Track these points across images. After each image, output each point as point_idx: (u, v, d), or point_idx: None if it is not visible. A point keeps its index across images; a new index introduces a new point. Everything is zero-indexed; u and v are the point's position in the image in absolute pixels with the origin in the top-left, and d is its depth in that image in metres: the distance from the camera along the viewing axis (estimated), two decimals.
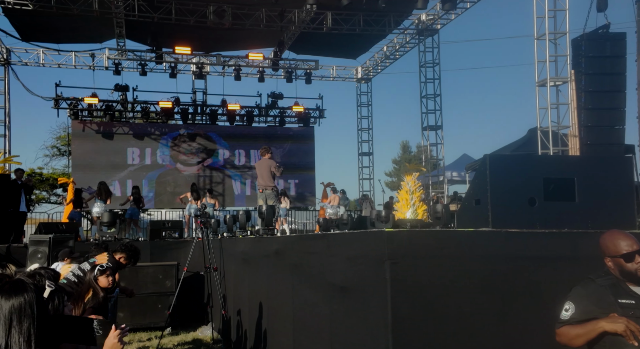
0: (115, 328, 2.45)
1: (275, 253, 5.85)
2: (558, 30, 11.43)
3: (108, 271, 4.22)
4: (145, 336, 9.16)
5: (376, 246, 3.35)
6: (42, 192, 24.73)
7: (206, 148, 19.50)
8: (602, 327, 2.49)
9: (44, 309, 2.06)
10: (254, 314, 6.71)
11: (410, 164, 19.44)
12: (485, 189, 3.57)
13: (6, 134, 17.75)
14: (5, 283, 2.04)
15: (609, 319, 2.48)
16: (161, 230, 11.81)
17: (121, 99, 18.44)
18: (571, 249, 3.38)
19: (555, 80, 11.31)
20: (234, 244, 8.66)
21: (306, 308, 4.76)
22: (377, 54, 20.03)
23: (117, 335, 2.43)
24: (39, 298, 2.03)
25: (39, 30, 16.46)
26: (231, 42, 17.91)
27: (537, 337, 3.21)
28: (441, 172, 17.91)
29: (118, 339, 2.43)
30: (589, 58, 9.34)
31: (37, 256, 8.34)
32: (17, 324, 1.92)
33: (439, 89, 17.62)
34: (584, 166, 3.84)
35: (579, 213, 3.57)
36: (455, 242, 3.32)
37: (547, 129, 11.14)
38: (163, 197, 18.95)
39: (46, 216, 19.55)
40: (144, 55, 17.85)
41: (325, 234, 4.77)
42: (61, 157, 26.02)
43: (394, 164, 41.94)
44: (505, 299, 3.28)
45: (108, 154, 18.40)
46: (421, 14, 17.04)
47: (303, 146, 20.41)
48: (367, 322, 3.47)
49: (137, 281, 9.44)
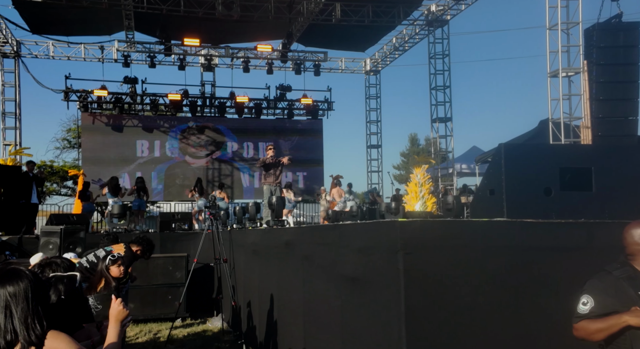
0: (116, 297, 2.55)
1: (286, 245, 5.84)
2: (570, 20, 11.28)
3: (119, 261, 4.25)
4: (155, 327, 9.22)
5: (389, 237, 3.32)
6: (53, 185, 24.90)
7: (215, 141, 19.52)
8: (625, 321, 2.42)
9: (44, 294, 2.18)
10: (264, 306, 6.72)
11: (419, 157, 19.33)
12: (500, 179, 3.52)
13: (17, 126, 17.86)
14: (1, 271, 2.14)
15: (633, 313, 2.41)
16: (171, 222, 11.85)
17: (130, 92, 18.47)
18: (587, 240, 3.33)
19: (568, 70, 11.16)
20: (244, 235, 8.67)
21: (317, 299, 4.75)
22: (386, 46, 19.90)
23: (119, 302, 2.51)
24: (36, 284, 2.14)
25: (48, 23, 16.50)
26: (240, 34, 17.86)
27: (553, 329, 3.18)
28: (450, 164, 17.81)
29: (122, 305, 2.50)
30: (601, 48, 9.19)
31: (48, 247, 8.37)
32: (14, 309, 2.05)
33: (448, 80, 17.50)
34: (601, 156, 3.77)
35: (596, 203, 3.52)
36: (469, 233, 3.28)
37: (559, 121, 11.02)
38: (172, 189, 19.01)
39: (57, 208, 19.71)
40: (152, 48, 17.85)
41: (337, 225, 4.75)
42: (71, 149, 26.18)
43: (402, 157, 41.85)
44: (520, 291, 3.24)
45: (117, 147, 18.48)
46: (431, 4, 16.89)
47: (311, 138, 20.37)
48: (379, 313, 3.44)
49: (147, 272, 9.48)
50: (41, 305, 2.11)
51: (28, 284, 2.09)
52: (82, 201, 13.44)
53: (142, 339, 8.43)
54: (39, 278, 2.24)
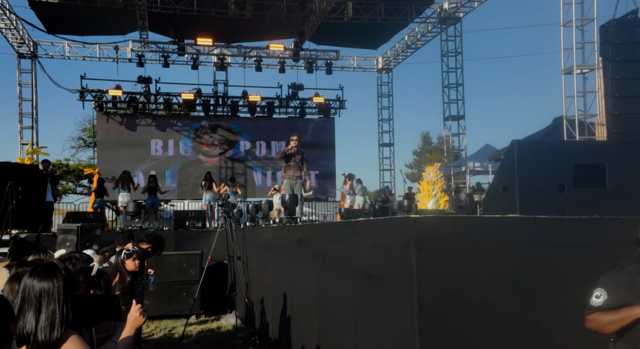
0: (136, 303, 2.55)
1: (299, 241, 5.88)
2: (585, 16, 11.16)
3: (134, 255, 4.32)
4: (170, 323, 9.33)
5: (402, 233, 3.34)
6: (69, 184, 25.22)
7: (227, 139, 19.64)
8: (638, 313, 2.45)
9: (73, 293, 2.14)
10: (278, 302, 6.77)
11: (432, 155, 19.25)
12: (512, 175, 3.52)
13: (34, 126, 18.14)
14: (39, 266, 2.13)
15: None
16: (184, 220, 11.97)
17: (144, 91, 18.65)
18: (601, 236, 3.32)
19: (582, 67, 11.06)
20: (257, 233, 8.73)
21: (330, 295, 4.79)
22: (398, 44, 19.85)
23: (138, 309, 2.52)
24: (68, 282, 2.11)
25: (64, 23, 16.71)
26: (252, 33, 17.94)
27: (566, 325, 3.18)
28: (463, 162, 17.72)
29: (140, 313, 2.51)
30: (617, 45, 9.08)
31: (65, 244, 8.51)
32: (44, 306, 2.02)
33: (461, 78, 17.40)
34: (615, 152, 3.75)
35: (610, 199, 3.50)
36: (482, 229, 3.29)
37: (573, 118, 10.93)
38: (186, 188, 19.18)
39: (73, 206, 19.97)
40: (166, 47, 18.00)
41: (350, 221, 4.78)
42: (87, 148, 26.48)
43: (414, 156, 41.69)
44: (533, 287, 3.25)
45: (132, 146, 18.68)
46: (443, 2, 16.81)
47: (323, 137, 20.40)
48: (392, 309, 3.47)
49: (162, 269, 9.60)
50: (68, 306, 2.08)
51: (62, 283, 2.07)
52: (97, 198, 13.63)
53: (157, 336, 8.53)
54: (72, 276, 2.22)
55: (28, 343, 2.01)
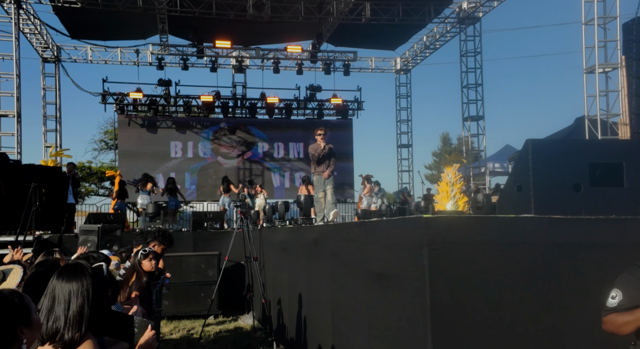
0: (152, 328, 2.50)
1: (314, 242, 5.90)
2: (607, 14, 10.96)
3: (151, 255, 4.37)
4: (189, 323, 9.42)
5: (414, 233, 3.33)
6: (91, 185, 25.65)
7: (246, 141, 19.78)
8: None
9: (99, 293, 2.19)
10: (294, 303, 6.79)
11: (451, 156, 19.08)
12: (527, 175, 3.47)
13: (57, 128, 18.53)
14: (66, 266, 2.18)
15: None
16: (203, 221, 12.09)
17: (164, 94, 18.91)
18: (617, 236, 3.26)
19: (605, 66, 10.86)
20: (273, 234, 8.77)
21: (344, 295, 4.79)
22: (417, 44, 19.74)
23: (152, 335, 2.48)
24: (95, 281, 2.17)
25: (86, 28, 17.05)
26: (270, 35, 18.04)
27: (582, 325, 3.12)
28: (482, 163, 17.53)
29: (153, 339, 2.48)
30: None
31: (87, 244, 8.69)
32: (74, 303, 2.07)
33: (480, 78, 17.23)
34: (632, 151, 3.67)
35: (628, 199, 3.43)
36: (495, 229, 3.26)
37: (595, 118, 10.73)
38: (205, 189, 19.36)
39: (94, 208, 20.32)
40: (185, 50, 18.24)
41: (363, 222, 4.78)
42: (108, 150, 26.90)
43: (433, 157, 41.38)
44: (548, 287, 3.20)
45: (152, 148, 18.94)
46: (462, 1, 16.66)
47: (341, 138, 20.37)
48: (405, 308, 3.46)
49: (180, 270, 9.71)
50: (93, 307, 2.12)
51: (90, 284, 2.12)
52: (119, 200, 13.85)
53: (176, 336, 8.63)
54: (97, 278, 2.27)
55: (55, 340, 2.05)
